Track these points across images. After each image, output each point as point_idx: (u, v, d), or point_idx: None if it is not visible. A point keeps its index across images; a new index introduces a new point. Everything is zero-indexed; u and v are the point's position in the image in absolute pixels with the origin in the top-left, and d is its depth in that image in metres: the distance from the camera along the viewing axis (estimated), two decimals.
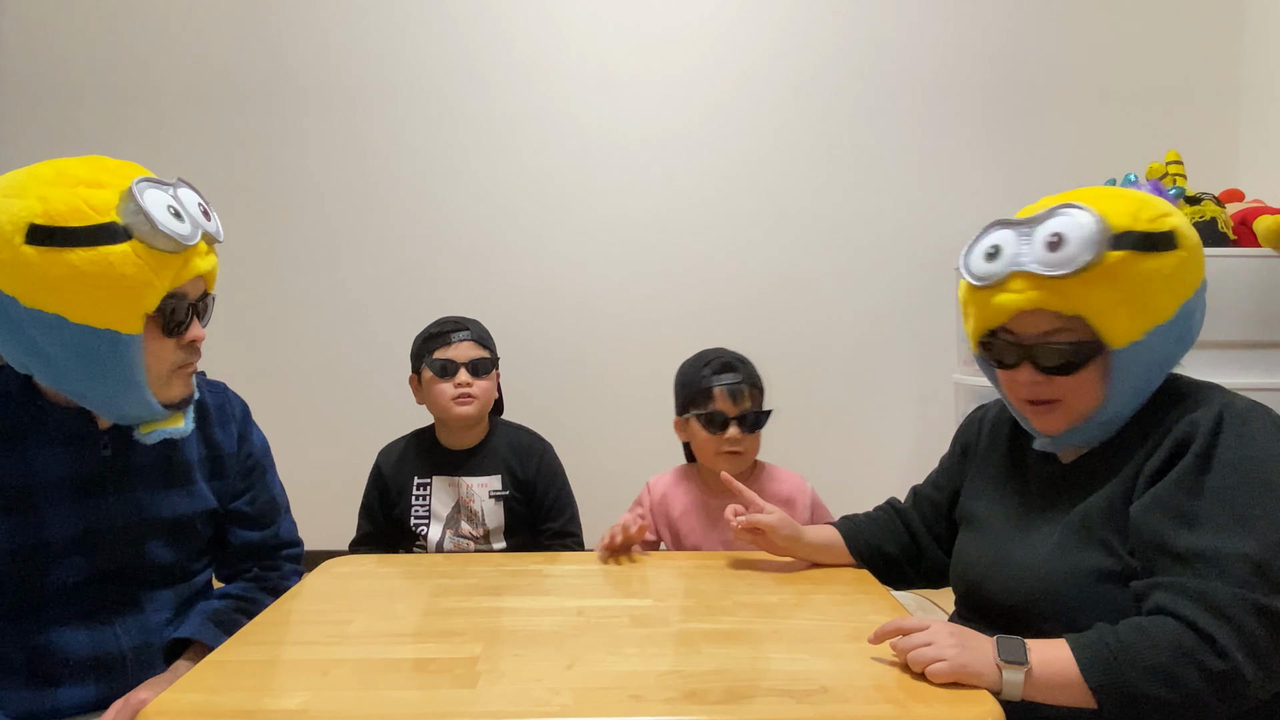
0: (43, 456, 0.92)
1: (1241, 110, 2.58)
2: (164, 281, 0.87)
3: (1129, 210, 0.83)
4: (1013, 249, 0.88)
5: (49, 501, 0.92)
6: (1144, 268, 0.82)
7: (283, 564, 1.13)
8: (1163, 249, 0.83)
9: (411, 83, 2.60)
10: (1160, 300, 0.84)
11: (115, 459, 0.96)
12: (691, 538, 1.42)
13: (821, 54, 2.60)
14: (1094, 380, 0.87)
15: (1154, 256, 0.82)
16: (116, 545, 0.95)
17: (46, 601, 0.91)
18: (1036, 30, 2.60)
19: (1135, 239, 0.82)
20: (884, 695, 0.73)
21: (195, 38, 2.58)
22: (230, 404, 1.10)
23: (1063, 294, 0.84)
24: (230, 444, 1.08)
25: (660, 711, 0.70)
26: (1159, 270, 0.83)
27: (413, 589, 1.08)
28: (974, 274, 0.92)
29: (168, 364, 0.92)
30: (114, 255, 0.82)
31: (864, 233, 2.63)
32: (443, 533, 1.50)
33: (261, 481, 1.12)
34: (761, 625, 0.92)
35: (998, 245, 0.90)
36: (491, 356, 1.52)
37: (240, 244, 2.62)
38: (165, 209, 0.86)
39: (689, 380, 1.41)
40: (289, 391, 2.63)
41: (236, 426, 1.09)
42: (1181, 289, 0.85)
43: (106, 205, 0.83)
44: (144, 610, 0.97)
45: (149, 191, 0.86)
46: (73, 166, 0.86)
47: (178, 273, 0.88)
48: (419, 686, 0.76)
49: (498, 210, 2.62)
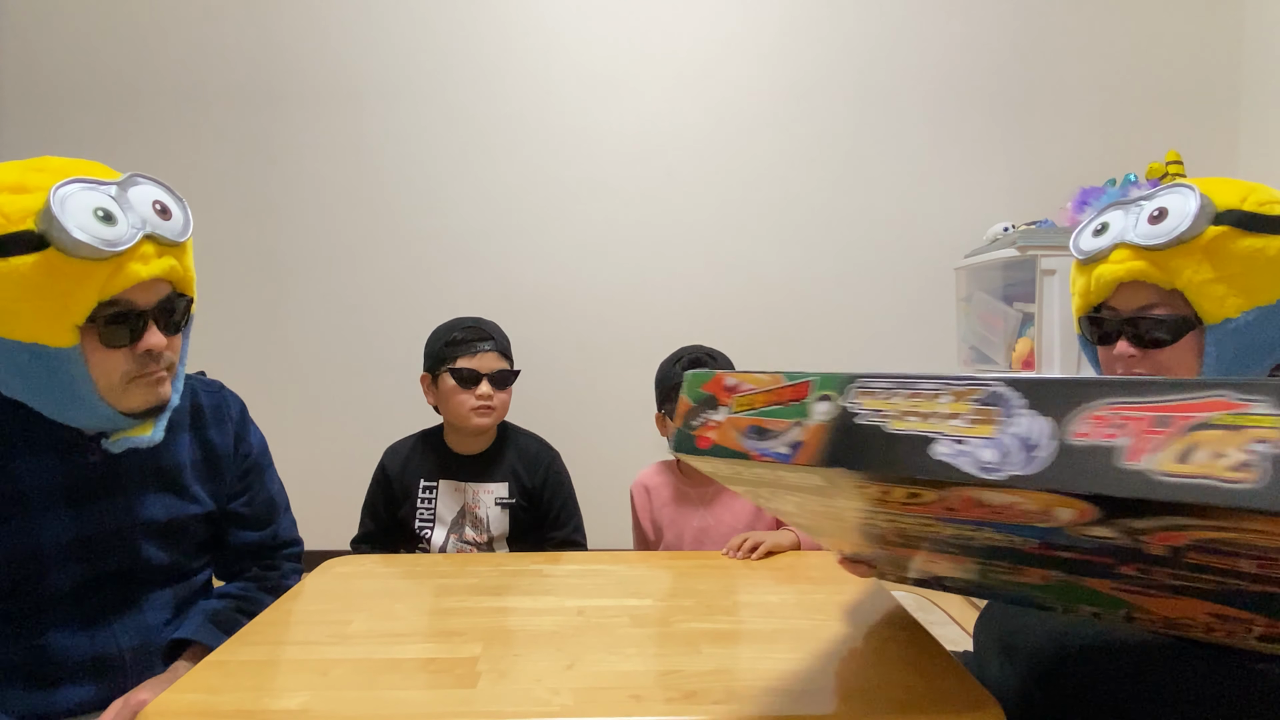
0: (31, 464, 0.90)
1: (1241, 110, 2.58)
2: (89, 292, 0.81)
3: (1239, 192, 0.84)
4: (1119, 224, 0.90)
5: (40, 508, 0.90)
6: (1244, 245, 0.82)
7: (282, 563, 1.13)
8: (1268, 231, 0.82)
9: (412, 83, 2.60)
10: (1262, 281, 0.83)
11: (104, 464, 0.94)
12: (674, 528, 1.45)
13: (822, 56, 2.60)
14: (1189, 357, 0.87)
15: (1257, 237, 0.82)
16: (111, 549, 0.94)
17: (44, 605, 0.91)
18: (1036, 31, 2.60)
19: (1238, 217, 0.82)
20: (884, 695, 0.73)
21: (196, 38, 2.59)
22: (226, 404, 1.08)
23: (1162, 266, 0.85)
24: (226, 445, 1.06)
25: (660, 711, 0.70)
26: (1262, 251, 0.82)
27: (413, 589, 1.08)
28: (1081, 249, 0.94)
29: (117, 374, 0.87)
30: (25, 266, 0.77)
31: (864, 233, 2.63)
32: (447, 537, 1.49)
33: (259, 482, 1.11)
34: (761, 625, 0.91)
35: (1106, 223, 0.92)
36: (512, 368, 1.52)
37: (241, 244, 2.63)
38: (91, 212, 0.80)
39: (664, 376, 1.49)
40: (289, 391, 2.63)
41: (233, 427, 1.08)
42: None
43: (24, 212, 0.77)
44: (143, 610, 0.97)
45: (76, 194, 0.80)
46: (6, 171, 0.81)
47: (107, 281, 0.82)
48: (419, 686, 0.76)
49: (500, 211, 2.62)
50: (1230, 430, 0.38)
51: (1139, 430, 0.41)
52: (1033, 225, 2.26)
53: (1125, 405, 0.42)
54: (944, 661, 0.80)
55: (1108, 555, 0.52)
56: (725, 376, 0.59)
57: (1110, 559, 0.53)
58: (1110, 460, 0.41)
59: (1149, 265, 0.86)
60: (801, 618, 0.94)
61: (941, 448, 0.46)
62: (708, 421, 0.58)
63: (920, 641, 0.86)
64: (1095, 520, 0.46)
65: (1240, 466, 0.38)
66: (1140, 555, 0.50)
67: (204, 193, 2.60)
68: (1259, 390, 0.39)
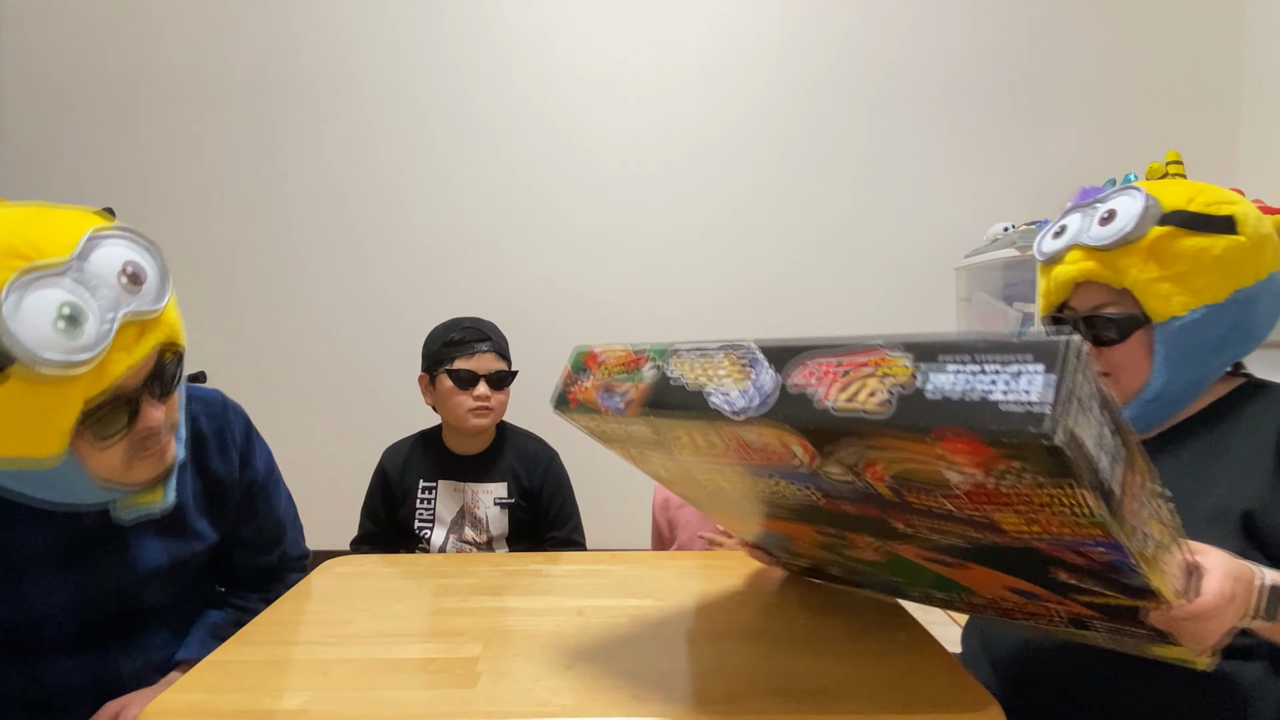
0: (24, 533, 0.84)
1: (1241, 110, 2.58)
2: (72, 403, 0.71)
3: (1186, 194, 0.87)
4: (1076, 226, 0.93)
5: (35, 576, 0.84)
6: (1188, 245, 0.84)
7: (289, 575, 1.12)
8: (1212, 231, 0.84)
9: (412, 82, 2.60)
10: (1207, 280, 0.85)
11: (100, 519, 0.86)
12: (688, 529, 1.46)
13: (822, 56, 2.60)
14: (1139, 354, 0.89)
15: (1202, 236, 0.84)
16: (111, 602, 0.90)
17: (41, 649, 0.87)
18: (1035, 31, 2.60)
19: (1183, 217, 0.85)
20: (884, 695, 0.73)
21: (196, 36, 2.59)
22: (230, 427, 1.01)
23: (1110, 265, 0.88)
24: (231, 472, 1.00)
25: (660, 712, 0.70)
26: (1207, 250, 0.84)
27: (413, 589, 1.08)
28: (1042, 251, 0.97)
29: (118, 461, 0.80)
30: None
31: (864, 233, 2.63)
32: (446, 537, 1.49)
33: (266, 505, 1.06)
34: (761, 625, 0.91)
35: (1065, 225, 0.95)
36: (510, 369, 1.51)
37: (240, 243, 2.63)
38: (52, 322, 0.67)
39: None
40: (288, 391, 2.63)
41: (237, 452, 1.01)
42: (1237, 273, 0.85)
43: None
44: (144, 634, 0.94)
45: (29, 298, 0.66)
46: None
47: (91, 384, 0.71)
48: (419, 686, 0.76)
49: (500, 210, 2.62)
50: (878, 376, 0.51)
51: (827, 378, 0.54)
52: (1033, 225, 2.25)
53: (822, 360, 0.55)
54: (944, 661, 0.80)
55: (870, 504, 0.63)
56: (596, 351, 0.74)
57: (876, 510, 0.64)
58: (809, 401, 0.54)
59: (1099, 265, 0.89)
60: (801, 618, 0.94)
61: (715, 397, 0.60)
62: (578, 384, 0.73)
63: (920, 641, 0.86)
64: (821, 457, 0.58)
65: (882, 401, 0.50)
66: (886, 502, 0.61)
67: (204, 192, 2.60)
68: (898, 345, 0.51)
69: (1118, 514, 0.51)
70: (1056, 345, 0.46)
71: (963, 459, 0.49)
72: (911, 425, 0.49)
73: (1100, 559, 0.56)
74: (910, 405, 0.49)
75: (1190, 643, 0.66)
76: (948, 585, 0.79)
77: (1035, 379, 0.45)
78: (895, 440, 0.51)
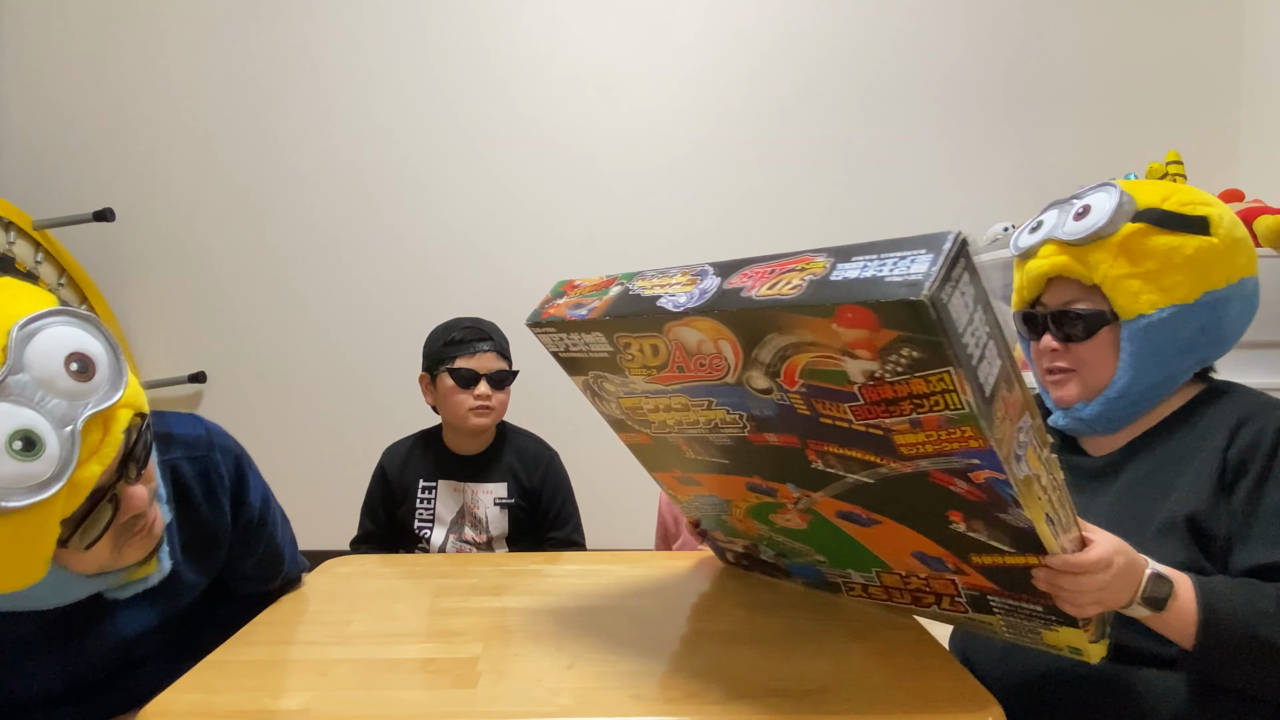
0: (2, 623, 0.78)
1: (1241, 110, 2.58)
2: (50, 529, 0.63)
3: (1161, 192, 0.87)
4: (1051, 221, 0.93)
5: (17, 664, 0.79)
6: (1159, 243, 0.84)
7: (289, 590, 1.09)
8: (1184, 231, 0.84)
9: (411, 83, 2.60)
10: (1176, 280, 0.85)
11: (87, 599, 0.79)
12: None
13: (821, 56, 2.60)
14: (1106, 351, 0.89)
15: (1174, 235, 0.84)
16: (99, 674, 0.85)
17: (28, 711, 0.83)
18: (1035, 31, 2.60)
19: (1156, 215, 0.85)
20: (884, 695, 0.73)
21: (196, 37, 2.59)
22: (215, 469, 0.91)
23: (1081, 260, 0.88)
24: (220, 518, 0.92)
25: (660, 711, 0.70)
26: (1178, 249, 0.84)
27: (413, 589, 1.08)
28: (1018, 245, 0.98)
29: (105, 553, 0.73)
30: None
31: (864, 233, 2.62)
32: (446, 537, 1.49)
33: (263, 537, 0.99)
34: (761, 625, 0.91)
35: (1042, 220, 0.95)
36: (511, 368, 1.51)
37: (240, 244, 2.63)
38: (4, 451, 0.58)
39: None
40: (289, 391, 2.63)
41: (228, 496, 0.92)
42: (1207, 275, 0.85)
43: None
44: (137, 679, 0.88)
45: None
46: None
47: (66, 504, 0.64)
48: (419, 686, 0.76)
49: (500, 210, 2.62)
50: (799, 272, 0.60)
51: (759, 277, 0.63)
52: None
53: (759, 266, 0.65)
54: (944, 661, 0.80)
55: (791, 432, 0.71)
56: (576, 280, 0.85)
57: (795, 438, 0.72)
58: (740, 293, 0.63)
59: (1071, 260, 0.89)
60: (801, 618, 0.93)
61: (664, 300, 0.70)
62: (553, 304, 0.83)
63: (920, 641, 0.86)
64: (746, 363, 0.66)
65: (795, 286, 0.59)
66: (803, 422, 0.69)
67: (204, 192, 2.60)
68: (823, 251, 0.60)
69: (987, 414, 0.57)
70: (944, 236, 0.54)
71: (855, 333, 0.56)
72: (817, 302, 0.56)
73: (981, 481, 0.62)
74: (818, 288, 0.57)
75: (1069, 606, 0.69)
76: (864, 561, 0.85)
77: (921, 260, 0.54)
78: (803, 323, 0.59)
